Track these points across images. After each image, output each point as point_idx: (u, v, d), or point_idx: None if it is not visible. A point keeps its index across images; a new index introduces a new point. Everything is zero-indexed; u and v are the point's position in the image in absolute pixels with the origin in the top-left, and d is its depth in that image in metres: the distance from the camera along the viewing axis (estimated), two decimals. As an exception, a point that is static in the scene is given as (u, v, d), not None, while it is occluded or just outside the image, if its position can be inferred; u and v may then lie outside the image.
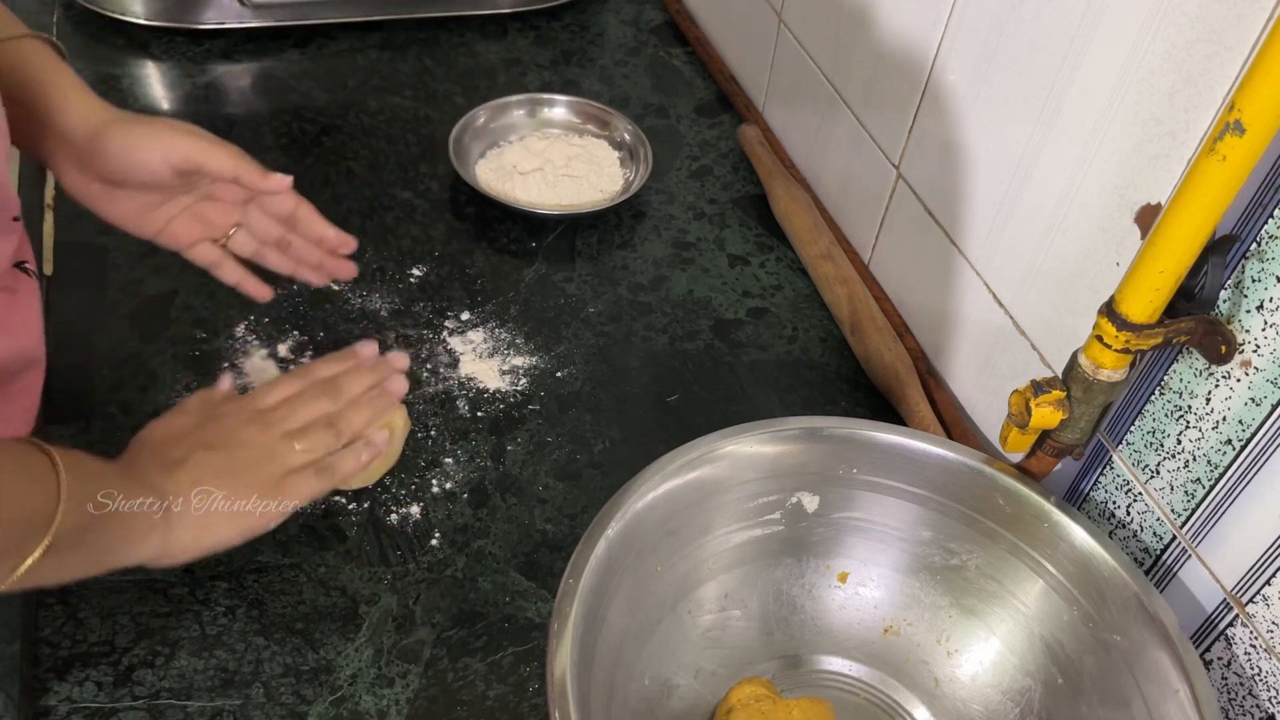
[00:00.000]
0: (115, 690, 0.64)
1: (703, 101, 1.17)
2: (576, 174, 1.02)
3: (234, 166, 0.69)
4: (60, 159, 0.69)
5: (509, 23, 1.24)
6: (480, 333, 0.89)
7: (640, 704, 0.64)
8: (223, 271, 0.76)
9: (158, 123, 0.69)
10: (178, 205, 0.73)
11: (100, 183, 0.69)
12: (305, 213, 0.74)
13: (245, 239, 0.76)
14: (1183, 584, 0.65)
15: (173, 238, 0.74)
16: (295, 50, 1.15)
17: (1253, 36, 0.55)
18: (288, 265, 0.77)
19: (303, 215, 0.74)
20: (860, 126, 0.94)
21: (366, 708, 0.65)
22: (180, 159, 0.68)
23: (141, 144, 0.67)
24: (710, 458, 0.66)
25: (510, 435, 0.82)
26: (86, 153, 0.67)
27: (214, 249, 0.75)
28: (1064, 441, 0.64)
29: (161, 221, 0.73)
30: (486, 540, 0.75)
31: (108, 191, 0.70)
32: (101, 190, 0.70)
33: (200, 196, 0.73)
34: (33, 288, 0.68)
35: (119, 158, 0.67)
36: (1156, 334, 0.58)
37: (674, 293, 0.95)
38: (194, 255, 0.75)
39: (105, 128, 0.67)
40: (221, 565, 0.71)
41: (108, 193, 0.70)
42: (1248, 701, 0.62)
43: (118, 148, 0.67)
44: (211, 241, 0.75)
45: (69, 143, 0.67)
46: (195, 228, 0.74)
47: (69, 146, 0.68)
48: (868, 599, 0.72)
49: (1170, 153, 0.61)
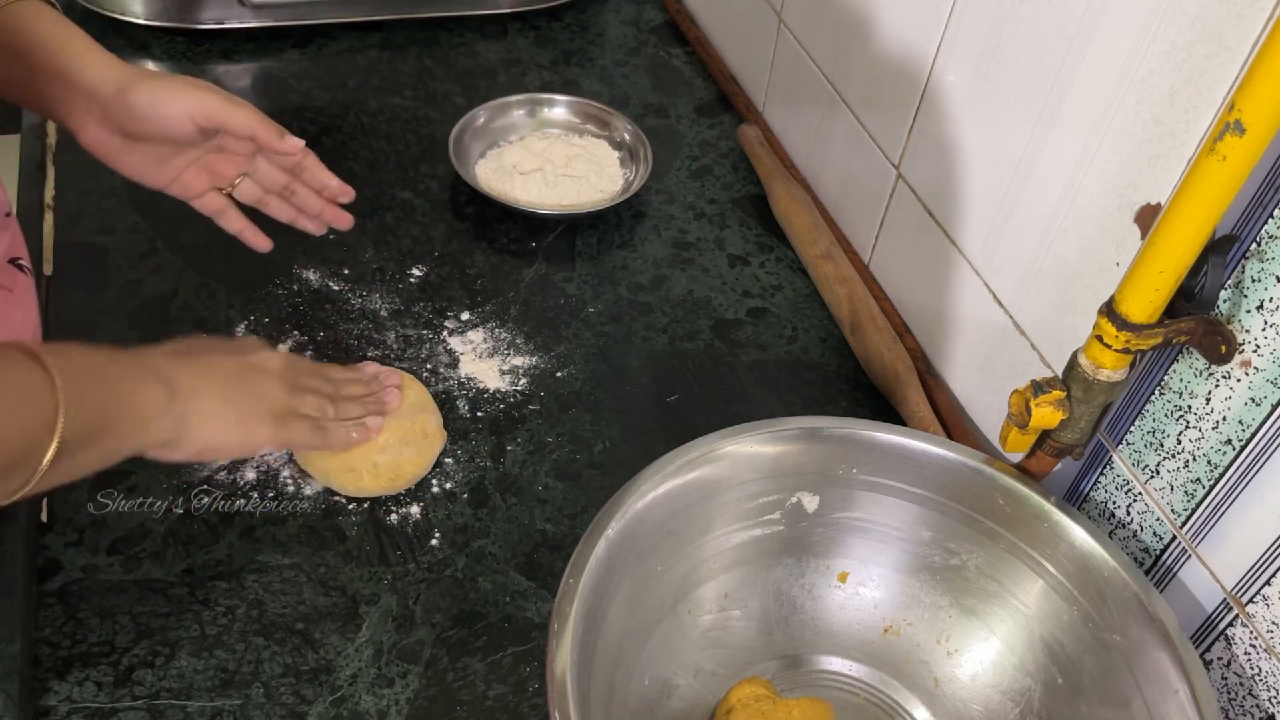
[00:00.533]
0: (115, 690, 0.64)
1: (703, 101, 1.17)
2: (576, 174, 1.02)
3: (254, 125, 0.72)
4: (81, 113, 0.71)
5: (509, 23, 1.24)
6: (480, 333, 0.89)
7: (640, 704, 0.64)
8: (226, 219, 0.79)
9: (181, 79, 0.71)
10: (189, 157, 0.75)
11: (120, 136, 0.71)
12: (311, 161, 0.78)
13: (250, 187, 0.79)
14: (1183, 584, 0.65)
15: (184, 188, 0.76)
16: (295, 50, 1.15)
17: (1253, 36, 0.55)
18: (288, 213, 0.80)
19: (309, 164, 0.78)
20: (860, 126, 0.94)
21: (366, 708, 0.65)
22: (204, 116, 0.70)
23: (169, 99, 0.70)
24: (710, 458, 0.66)
25: (510, 435, 0.82)
26: (112, 107, 0.69)
27: (220, 198, 0.78)
28: (1064, 441, 0.64)
29: (174, 172, 0.75)
30: (486, 540, 0.75)
31: (126, 144, 0.72)
32: (121, 143, 0.72)
33: (211, 148, 0.76)
34: (28, 285, 0.68)
35: (146, 112, 0.69)
36: (1156, 334, 0.58)
37: (674, 293, 0.95)
38: (201, 204, 0.78)
39: (131, 83, 0.69)
40: (221, 565, 0.71)
41: (126, 145, 0.72)
42: (1248, 701, 0.62)
43: (145, 101, 0.69)
44: (218, 190, 0.78)
45: (94, 97, 0.70)
46: (204, 178, 0.77)
47: (92, 101, 0.70)
48: (868, 599, 0.72)
49: (1170, 153, 0.61)
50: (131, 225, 0.92)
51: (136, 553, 0.71)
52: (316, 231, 0.82)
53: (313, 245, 0.93)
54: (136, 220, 0.92)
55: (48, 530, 0.71)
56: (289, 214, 0.80)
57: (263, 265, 0.88)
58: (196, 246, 0.91)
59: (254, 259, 0.82)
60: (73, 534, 0.71)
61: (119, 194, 0.94)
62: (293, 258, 0.92)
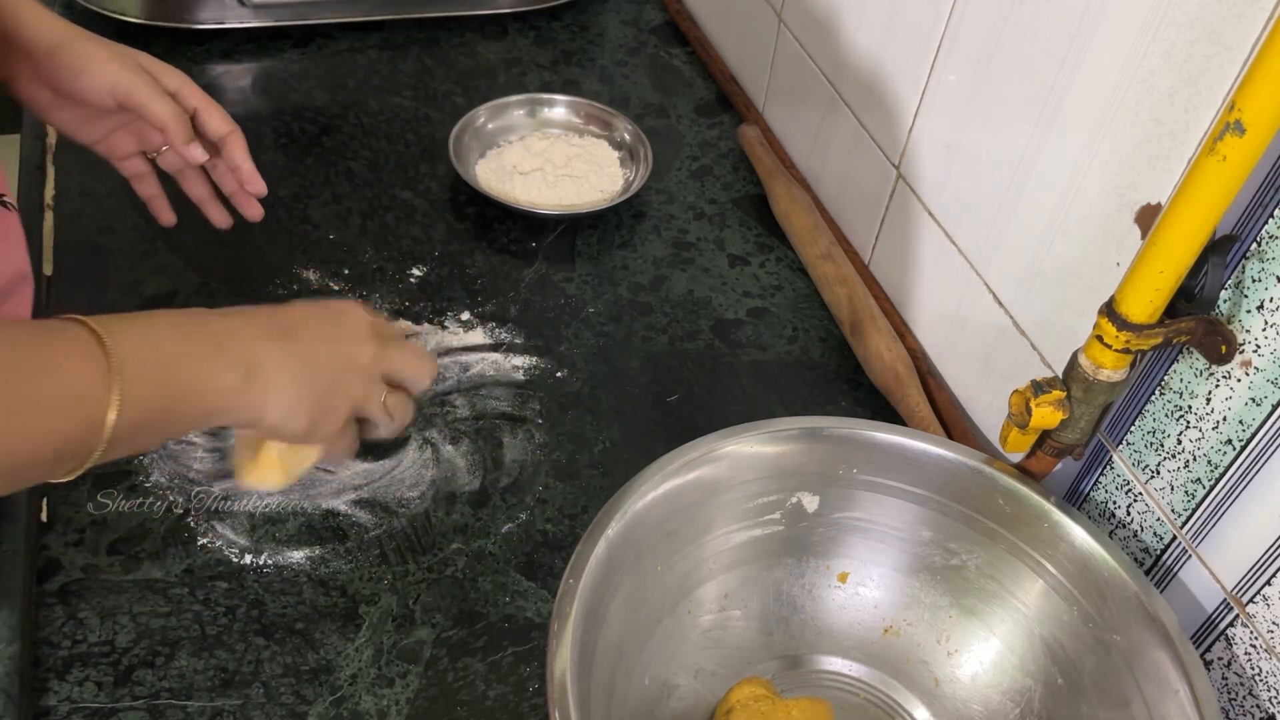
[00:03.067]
0: (115, 690, 0.64)
1: (703, 101, 1.17)
2: (576, 174, 1.02)
3: (166, 121, 0.72)
4: (16, 67, 0.72)
5: (509, 23, 1.24)
6: (480, 333, 0.89)
7: (640, 704, 0.64)
8: (142, 185, 0.80)
9: (112, 50, 0.72)
10: (119, 120, 0.76)
11: (50, 92, 0.73)
12: (234, 140, 0.77)
13: (173, 158, 0.79)
14: (1183, 584, 0.65)
15: (110, 148, 0.78)
16: (295, 50, 1.15)
17: (1253, 36, 0.55)
18: (200, 192, 0.81)
19: (231, 141, 0.77)
20: (860, 126, 0.94)
21: (366, 708, 0.65)
22: (123, 95, 0.71)
23: (92, 69, 0.71)
24: (710, 458, 0.66)
25: (510, 435, 0.82)
26: (44, 64, 0.71)
27: (142, 162, 0.79)
28: (1064, 441, 0.64)
29: (103, 132, 0.77)
30: (486, 540, 0.75)
31: (56, 100, 0.73)
32: (51, 99, 0.73)
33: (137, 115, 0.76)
34: (14, 221, 0.69)
35: (70, 76, 0.71)
36: (1157, 334, 0.58)
37: (674, 293, 0.95)
38: (123, 166, 0.79)
39: (62, 44, 0.71)
40: (222, 565, 0.71)
41: (56, 101, 0.73)
42: (1248, 702, 0.62)
43: (70, 65, 0.70)
44: (142, 155, 0.79)
45: (28, 53, 0.71)
46: (131, 142, 0.78)
47: (28, 57, 0.71)
48: (868, 599, 0.72)
49: (1170, 153, 0.61)
50: (131, 225, 0.92)
51: (136, 553, 0.71)
52: (219, 223, 0.82)
53: (312, 245, 0.93)
54: (136, 220, 0.92)
55: (48, 530, 0.71)
56: (200, 193, 0.81)
57: (263, 265, 0.88)
58: (196, 246, 0.91)
59: (254, 259, 0.82)
60: (73, 534, 0.71)
61: (119, 194, 0.94)
62: (293, 258, 0.92)
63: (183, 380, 0.56)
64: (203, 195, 0.81)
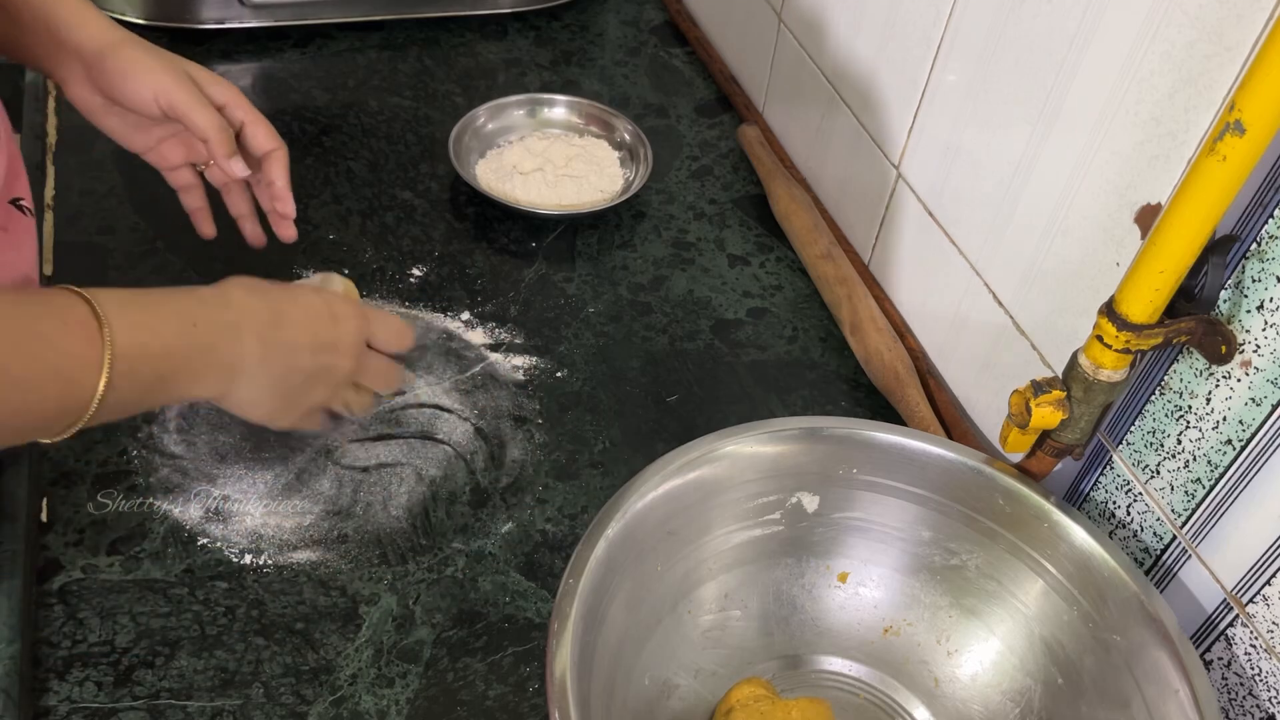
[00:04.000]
0: (115, 690, 0.64)
1: (703, 101, 1.17)
2: (576, 174, 1.02)
3: (208, 130, 0.72)
4: (67, 70, 0.72)
5: (509, 23, 1.24)
6: (480, 333, 0.89)
7: (640, 704, 0.64)
8: (189, 197, 0.80)
9: (160, 57, 0.72)
10: (168, 129, 0.76)
11: (101, 97, 0.72)
12: (276, 156, 0.77)
13: (218, 171, 0.79)
14: (1183, 584, 0.65)
15: (160, 157, 0.78)
16: (295, 50, 1.15)
17: (1253, 36, 0.55)
18: (241, 208, 0.81)
19: (274, 158, 0.77)
20: (860, 126, 0.94)
21: (366, 708, 0.65)
22: (167, 103, 0.71)
23: (139, 74, 0.70)
24: (710, 458, 0.66)
25: (510, 435, 0.81)
26: (94, 68, 0.71)
27: (191, 174, 0.79)
28: (1064, 441, 0.64)
29: (153, 140, 0.77)
30: (486, 540, 0.75)
31: (107, 106, 0.73)
32: (103, 104, 0.73)
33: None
34: (29, 227, 0.68)
35: (117, 80, 0.71)
36: (1156, 334, 0.58)
37: (674, 293, 0.95)
38: (172, 178, 0.79)
39: (112, 48, 0.70)
40: (222, 565, 0.71)
41: (107, 107, 0.73)
42: (1248, 701, 0.62)
43: (118, 70, 0.70)
44: (190, 166, 0.79)
45: (78, 56, 0.71)
46: (181, 151, 0.78)
47: (79, 60, 0.71)
48: (868, 599, 0.72)
49: (1170, 153, 0.61)
50: (131, 225, 0.92)
51: (136, 553, 0.71)
52: (253, 241, 0.82)
53: (313, 245, 0.93)
54: (136, 220, 0.92)
55: (48, 530, 0.71)
56: (241, 209, 0.81)
57: (263, 265, 0.88)
58: (197, 246, 0.90)
59: (254, 259, 0.82)
60: (73, 534, 0.71)
61: (119, 194, 0.94)
62: (293, 258, 0.92)
63: (170, 375, 0.59)
64: (242, 211, 0.81)
